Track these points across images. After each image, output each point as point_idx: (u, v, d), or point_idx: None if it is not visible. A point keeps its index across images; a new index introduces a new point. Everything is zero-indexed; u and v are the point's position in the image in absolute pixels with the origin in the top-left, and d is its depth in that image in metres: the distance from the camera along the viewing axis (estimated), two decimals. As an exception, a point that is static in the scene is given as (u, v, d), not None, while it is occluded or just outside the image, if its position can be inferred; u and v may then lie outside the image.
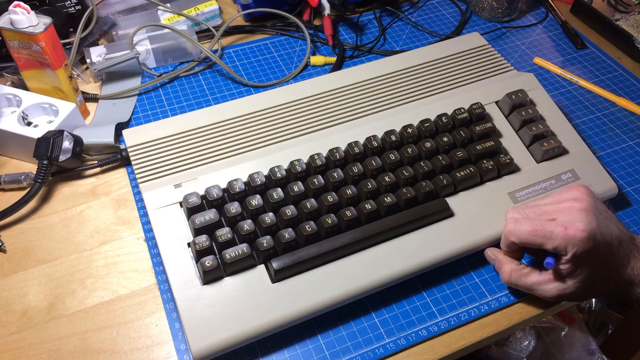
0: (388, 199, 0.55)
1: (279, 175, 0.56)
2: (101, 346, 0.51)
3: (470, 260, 0.57)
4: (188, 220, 0.54)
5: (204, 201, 0.54)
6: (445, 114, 0.62)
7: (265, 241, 0.51)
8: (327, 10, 0.81)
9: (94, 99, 0.73)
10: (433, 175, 0.58)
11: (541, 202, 0.52)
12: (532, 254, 0.56)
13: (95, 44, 0.77)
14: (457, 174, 0.57)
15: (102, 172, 0.65)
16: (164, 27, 0.77)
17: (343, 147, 0.59)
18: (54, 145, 0.60)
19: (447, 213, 0.56)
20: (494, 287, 0.55)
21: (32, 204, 0.62)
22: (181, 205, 0.55)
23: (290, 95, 0.65)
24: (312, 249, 0.51)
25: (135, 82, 0.75)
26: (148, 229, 0.60)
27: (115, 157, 0.65)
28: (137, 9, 0.82)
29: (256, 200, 0.54)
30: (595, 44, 0.84)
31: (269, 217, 0.53)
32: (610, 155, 0.68)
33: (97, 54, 0.75)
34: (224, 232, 0.52)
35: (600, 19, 0.85)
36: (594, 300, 1.09)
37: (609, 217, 0.50)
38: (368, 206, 0.54)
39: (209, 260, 0.50)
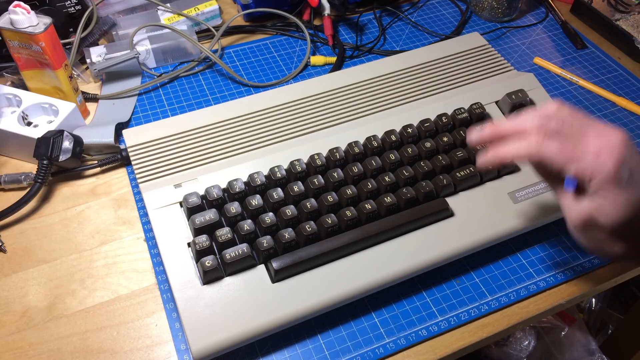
0: (388, 199, 0.55)
1: (279, 175, 0.56)
2: (101, 346, 0.51)
3: (470, 260, 0.57)
4: (188, 220, 0.54)
5: (204, 201, 0.54)
6: (445, 114, 0.62)
7: (265, 241, 0.51)
8: (327, 10, 0.81)
9: (94, 99, 0.73)
10: (433, 175, 0.58)
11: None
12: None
13: (95, 44, 0.77)
14: (457, 174, 0.57)
15: (102, 172, 0.65)
16: (164, 27, 0.77)
17: (343, 147, 0.59)
18: (54, 145, 0.60)
19: (447, 213, 0.56)
20: (494, 287, 0.55)
21: (32, 204, 0.62)
22: (181, 205, 0.55)
23: (290, 95, 0.65)
24: (312, 249, 0.51)
25: (135, 82, 0.75)
26: (148, 229, 0.60)
27: (115, 157, 0.65)
28: (137, 9, 0.82)
29: (256, 200, 0.54)
30: (595, 44, 0.84)
31: (269, 217, 0.53)
32: (610, 155, 0.68)
33: (97, 54, 0.75)
34: (224, 232, 0.52)
35: (600, 19, 0.85)
36: (594, 300, 1.09)
37: None
38: (368, 206, 0.54)
39: (209, 260, 0.50)
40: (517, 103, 0.64)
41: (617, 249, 0.46)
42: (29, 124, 0.65)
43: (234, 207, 0.53)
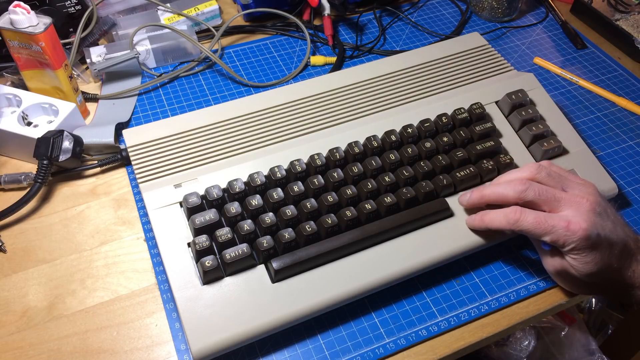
0: (388, 199, 0.55)
1: (279, 175, 0.56)
2: (101, 346, 0.51)
3: (470, 260, 0.57)
4: (188, 220, 0.54)
5: (204, 201, 0.54)
6: (445, 114, 0.62)
7: (265, 241, 0.51)
8: (327, 10, 0.81)
9: (94, 99, 0.73)
10: (433, 175, 0.58)
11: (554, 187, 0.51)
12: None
13: (95, 44, 0.77)
14: (457, 174, 0.57)
15: (102, 172, 0.65)
16: (164, 27, 0.77)
17: (343, 147, 0.59)
18: (54, 145, 0.60)
19: (447, 213, 0.56)
20: (494, 287, 0.55)
21: (32, 204, 0.62)
22: (181, 205, 0.55)
23: (290, 95, 0.65)
24: (312, 249, 0.51)
25: (135, 82, 0.75)
26: (148, 229, 0.60)
27: (115, 157, 0.65)
28: (137, 9, 0.82)
29: (256, 200, 0.54)
30: (595, 44, 0.84)
31: (269, 217, 0.53)
32: (610, 155, 0.68)
33: (97, 54, 0.75)
34: (224, 232, 0.52)
35: (600, 19, 0.85)
36: (594, 300, 1.09)
37: (615, 219, 0.50)
38: (368, 206, 0.54)
39: (209, 260, 0.50)
40: (517, 103, 0.64)
41: (587, 290, 0.53)
42: (29, 124, 0.66)
43: (234, 207, 0.53)
